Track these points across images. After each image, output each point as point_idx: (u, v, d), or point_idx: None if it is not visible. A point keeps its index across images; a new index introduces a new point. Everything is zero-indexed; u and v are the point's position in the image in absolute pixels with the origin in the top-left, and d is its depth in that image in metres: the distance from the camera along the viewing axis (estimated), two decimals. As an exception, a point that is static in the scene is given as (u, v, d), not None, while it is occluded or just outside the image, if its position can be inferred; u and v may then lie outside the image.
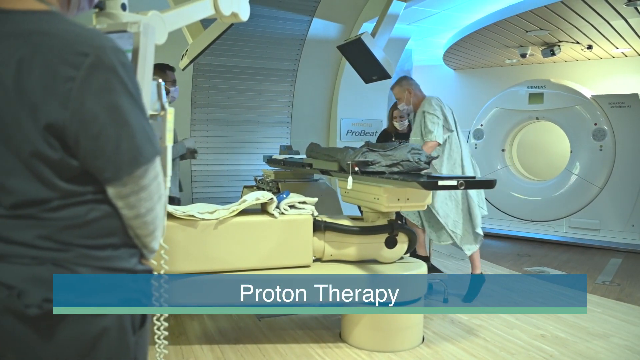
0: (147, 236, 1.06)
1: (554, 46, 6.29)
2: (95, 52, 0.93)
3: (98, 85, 0.92)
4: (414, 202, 2.90)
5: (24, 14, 0.97)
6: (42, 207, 0.95)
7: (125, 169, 0.96)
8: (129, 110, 0.96)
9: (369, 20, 5.35)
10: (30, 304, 0.92)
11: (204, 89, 5.31)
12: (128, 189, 0.98)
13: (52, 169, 0.94)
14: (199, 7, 1.94)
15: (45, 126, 0.91)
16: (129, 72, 0.98)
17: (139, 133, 0.97)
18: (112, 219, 1.01)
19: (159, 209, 1.05)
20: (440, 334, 3.18)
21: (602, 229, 6.05)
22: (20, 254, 0.94)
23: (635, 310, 3.73)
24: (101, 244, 1.00)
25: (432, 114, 3.78)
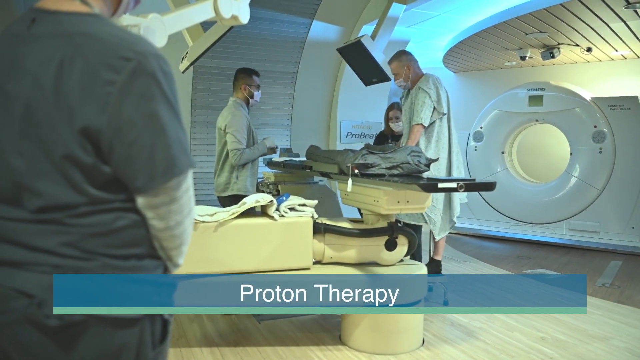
0: (173, 249, 1.03)
1: (553, 49, 6.30)
2: (137, 57, 0.91)
3: (138, 92, 0.91)
4: (414, 205, 2.90)
5: (68, 15, 0.95)
6: (69, 212, 0.92)
7: (158, 179, 0.94)
8: (166, 119, 0.94)
9: (368, 23, 5.36)
10: (51, 315, 0.89)
11: (204, 92, 5.31)
12: (159, 200, 0.96)
13: (83, 173, 0.92)
14: (199, 10, 1.94)
15: (81, 129, 0.90)
16: (169, 80, 0.96)
17: (175, 143, 0.95)
18: (139, 228, 0.98)
19: (188, 223, 1.03)
20: (440, 337, 3.18)
21: (602, 231, 6.04)
22: (43, 261, 0.91)
23: (635, 313, 3.72)
24: (125, 254, 0.97)
25: (426, 92, 3.75)
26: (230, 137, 3.52)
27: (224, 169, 3.65)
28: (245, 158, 3.52)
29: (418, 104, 3.73)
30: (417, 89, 3.78)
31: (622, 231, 5.91)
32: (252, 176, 3.65)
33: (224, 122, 3.59)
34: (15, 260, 0.91)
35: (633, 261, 5.48)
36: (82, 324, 0.92)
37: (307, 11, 5.30)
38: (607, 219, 6.01)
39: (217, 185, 3.71)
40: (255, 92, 3.68)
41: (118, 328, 0.95)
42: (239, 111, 3.58)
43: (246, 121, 3.59)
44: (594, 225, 6.08)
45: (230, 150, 3.53)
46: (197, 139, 5.39)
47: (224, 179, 3.65)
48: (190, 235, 1.06)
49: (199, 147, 5.42)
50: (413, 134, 3.73)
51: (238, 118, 3.54)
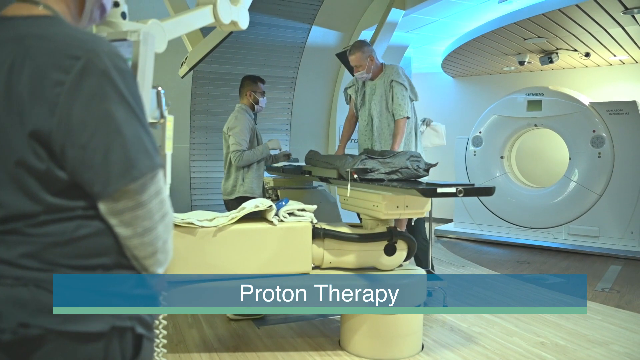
0: (146, 258, 0.96)
1: (552, 54, 6.32)
2: (87, 55, 0.87)
3: (89, 91, 0.86)
4: (413, 209, 2.90)
5: (24, 19, 0.93)
6: (28, 222, 0.87)
7: (115, 183, 0.87)
8: (122, 118, 0.88)
9: (367, 28, 5.38)
10: (4, 329, 0.84)
11: (203, 97, 5.32)
12: (122, 205, 0.89)
13: (38, 180, 0.87)
14: (198, 15, 1.95)
15: (31, 133, 0.85)
16: (125, 78, 0.90)
17: (133, 144, 0.88)
18: (104, 237, 0.92)
19: (162, 230, 0.95)
20: (440, 342, 3.17)
21: (601, 236, 6.04)
22: (4, 273, 0.86)
23: (635, 318, 3.72)
24: (90, 265, 0.91)
25: (402, 84, 3.70)
26: (231, 139, 3.60)
27: (231, 172, 3.71)
28: (245, 159, 3.57)
29: (398, 97, 3.68)
30: (390, 82, 3.71)
31: (622, 236, 5.91)
32: (258, 178, 3.70)
33: (227, 126, 3.66)
34: None
35: (632, 266, 5.47)
36: (40, 339, 0.86)
37: (306, 16, 5.32)
38: (606, 224, 6.02)
39: (225, 190, 3.75)
40: (260, 99, 3.77)
41: (80, 343, 0.88)
42: (242, 115, 3.66)
43: (248, 124, 3.64)
44: (593, 229, 6.08)
45: (231, 153, 3.60)
46: (196, 144, 5.40)
47: (231, 182, 3.69)
48: (167, 242, 0.99)
49: (198, 152, 5.43)
50: (401, 128, 3.68)
51: (240, 121, 3.62)
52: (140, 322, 0.96)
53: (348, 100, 4.02)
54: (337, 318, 3.41)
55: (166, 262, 1.01)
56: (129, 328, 0.94)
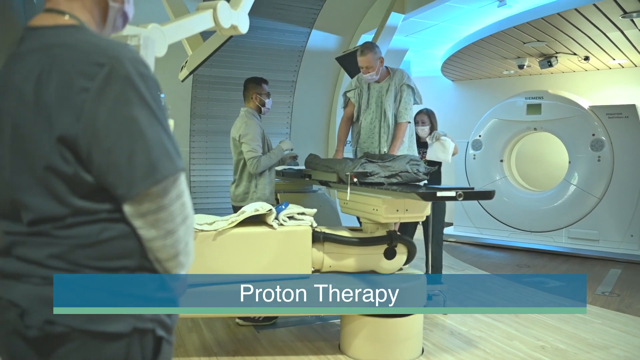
0: (168, 261, 0.98)
1: (551, 57, 6.33)
2: (111, 62, 0.90)
3: (113, 97, 0.89)
4: (413, 213, 2.91)
5: (51, 29, 0.97)
6: (56, 224, 0.92)
7: (139, 186, 0.90)
8: (145, 123, 0.91)
9: (367, 32, 5.39)
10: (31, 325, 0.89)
11: (204, 100, 5.33)
12: (145, 208, 0.92)
13: (66, 184, 0.91)
14: (198, 20, 1.96)
15: (59, 138, 0.89)
16: (147, 83, 0.93)
17: (156, 147, 0.92)
18: (128, 239, 0.95)
19: (183, 232, 0.98)
20: (440, 346, 3.17)
21: (601, 239, 6.04)
22: (33, 273, 0.92)
23: (635, 321, 3.72)
24: (114, 266, 0.94)
25: (412, 88, 3.73)
26: (245, 147, 3.50)
27: (243, 179, 3.62)
28: (263, 165, 3.50)
29: (406, 101, 3.69)
30: (401, 85, 3.72)
31: (621, 239, 5.91)
32: (271, 184, 3.63)
33: (238, 132, 3.57)
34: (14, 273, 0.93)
35: (632, 269, 5.47)
36: (64, 336, 0.90)
37: (306, 20, 5.33)
38: (606, 227, 6.02)
39: (236, 195, 3.66)
40: (266, 100, 3.70)
41: (103, 342, 0.92)
42: (252, 120, 3.58)
43: (259, 129, 3.58)
44: (593, 233, 6.08)
45: (247, 160, 3.50)
46: (196, 147, 5.40)
47: (243, 189, 3.60)
48: (189, 245, 1.01)
49: (198, 156, 5.43)
50: (402, 132, 3.69)
51: (251, 127, 3.54)
52: (160, 324, 0.99)
53: (346, 103, 3.95)
54: (337, 322, 3.41)
55: (188, 264, 1.03)
56: (150, 330, 0.96)
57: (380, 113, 3.76)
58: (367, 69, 3.65)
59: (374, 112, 3.78)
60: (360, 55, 3.67)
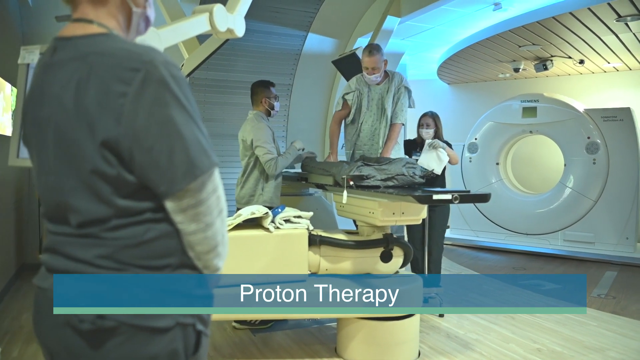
0: (208, 252, 1.04)
1: (546, 61, 6.36)
2: (145, 67, 0.95)
3: (149, 99, 0.94)
4: (409, 216, 2.91)
5: (83, 38, 1.01)
6: (103, 226, 0.97)
7: (180, 182, 0.96)
8: (181, 122, 0.96)
9: (363, 35, 5.40)
10: (84, 319, 0.96)
11: (200, 103, 5.33)
12: (185, 203, 0.98)
13: (110, 185, 0.96)
14: (195, 23, 1.96)
15: (102, 142, 0.94)
16: (181, 84, 0.99)
17: (193, 145, 0.97)
18: (170, 239, 1.01)
19: (219, 224, 1.04)
20: (437, 349, 3.17)
21: (596, 242, 6.06)
22: (82, 271, 0.98)
23: (631, 324, 3.73)
24: (158, 265, 1.00)
25: (409, 91, 3.77)
26: (260, 150, 3.49)
27: (249, 181, 3.62)
28: (280, 166, 3.51)
29: (402, 103, 3.72)
30: (399, 87, 3.74)
31: (617, 242, 5.93)
32: (277, 187, 3.62)
33: (249, 137, 3.54)
34: (63, 270, 1.00)
35: (628, 272, 5.49)
36: (113, 329, 0.96)
37: (302, 24, 5.34)
38: (602, 230, 6.04)
39: (240, 197, 3.66)
40: (275, 103, 3.70)
41: (149, 336, 0.98)
42: (262, 123, 3.56)
43: (270, 131, 3.57)
44: (589, 235, 6.10)
45: (264, 163, 3.49)
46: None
47: (248, 191, 3.60)
48: (225, 236, 1.08)
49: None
50: (396, 133, 3.72)
51: (262, 130, 3.53)
52: (199, 319, 1.05)
53: (341, 106, 3.90)
54: (334, 325, 3.40)
55: (225, 254, 1.10)
56: (190, 324, 1.03)
57: (380, 115, 3.77)
58: (372, 70, 3.64)
59: (375, 114, 3.79)
60: (369, 56, 3.63)
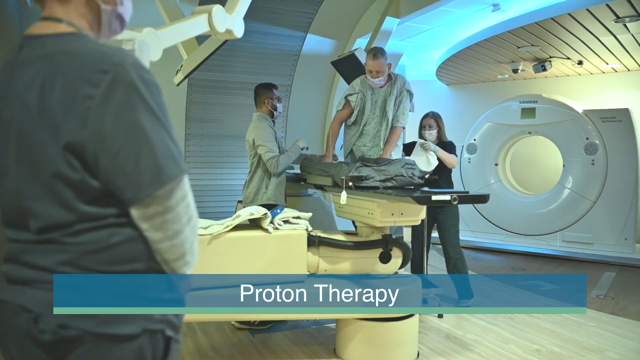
0: (175, 261, 1.01)
1: (545, 62, 6.37)
2: (114, 68, 0.92)
3: (117, 103, 0.91)
4: (408, 217, 2.91)
5: (52, 37, 0.98)
6: (64, 231, 0.94)
7: (146, 189, 0.93)
8: (150, 127, 0.93)
9: (362, 36, 5.40)
10: (45, 330, 0.91)
11: (199, 104, 5.32)
12: (152, 210, 0.95)
13: (73, 190, 0.93)
14: (193, 24, 1.96)
15: (65, 145, 0.91)
16: (151, 88, 0.96)
17: (161, 151, 0.94)
18: (136, 243, 0.98)
19: (189, 232, 1.01)
20: (435, 349, 3.17)
21: (595, 242, 6.07)
22: (44, 279, 0.94)
23: (629, 324, 3.73)
24: (123, 270, 0.97)
25: (411, 95, 3.81)
26: (262, 149, 3.54)
27: (254, 179, 3.66)
28: (282, 164, 3.55)
29: (404, 106, 3.74)
30: (401, 90, 3.75)
31: (616, 242, 5.94)
32: (280, 185, 3.64)
33: (251, 136, 3.62)
34: (24, 279, 0.96)
35: (626, 272, 5.49)
36: (77, 339, 0.92)
37: (301, 25, 5.34)
38: (601, 231, 6.04)
39: (246, 196, 3.71)
40: (278, 105, 3.76)
41: (115, 344, 0.94)
42: (264, 123, 3.63)
43: (271, 131, 3.63)
44: (588, 236, 6.10)
45: (266, 161, 3.53)
46: (191, 152, 5.39)
47: (253, 190, 3.65)
48: (194, 244, 1.04)
49: (194, 160, 5.42)
50: (397, 136, 3.76)
51: (264, 129, 3.59)
52: (169, 325, 1.01)
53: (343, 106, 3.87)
54: (332, 326, 3.40)
55: (194, 263, 1.07)
56: (159, 330, 0.99)
57: (382, 117, 3.79)
58: (377, 73, 3.64)
59: (378, 116, 3.81)
60: (373, 59, 3.63)
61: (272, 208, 3.01)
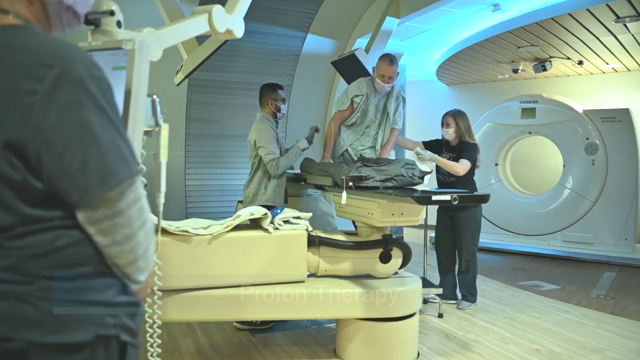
0: (127, 266, 0.95)
1: (545, 62, 6.37)
2: (61, 63, 0.86)
3: (63, 100, 0.85)
4: (408, 217, 2.91)
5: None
6: (5, 234, 0.86)
7: (93, 191, 0.86)
8: (98, 126, 0.87)
9: (362, 36, 5.40)
10: None
11: (199, 104, 5.32)
12: (100, 214, 0.89)
13: (14, 191, 0.86)
14: (194, 24, 1.95)
15: (5, 144, 0.84)
16: (101, 86, 0.89)
17: (110, 151, 0.88)
18: (84, 246, 0.91)
19: (142, 237, 0.94)
20: (436, 349, 3.17)
21: (595, 242, 6.07)
22: None
23: (630, 324, 3.73)
24: (70, 275, 0.89)
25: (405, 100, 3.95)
26: (263, 151, 3.53)
27: (253, 180, 3.66)
28: (283, 166, 3.55)
29: (401, 109, 3.90)
30: (399, 97, 3.89)
31: (616, 242, 5.94)
32: (279, 187, 3.63)
33: (253, 137, 3.61)
34: None
35: (626, 272, 5.49)
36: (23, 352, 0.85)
37: (301, 25, 5.34)
38: (601, 231, 6.04)
39: (245, 197, 3.70)
40: (282, 106, 3.74)
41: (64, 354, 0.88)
42: (265, 124, 3.60)
43: (273, 132, 3.61)
44: (588, 236, 6.10)
45: (266, 163, 3.53)
46: (191, 151, 5.39)
47: (252, 190, 3.64)
48: (148, 250, 0.97)
49: (194, 160, 5.42)
50: (394, 138, 3.90)
51: (265, 131, 3.57)
52: (124, 329, 0.95)
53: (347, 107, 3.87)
54: (333, 326, 3.40)
55: (148, 269, 1.00)
56: (113, 336, 0.93)
57: (382, 120, 3.88)
58: (389, 79, 3.72)
59: (379, 119, 3.89)
60: (390, 65, 3.72)
61: (271, 208, 3.01)
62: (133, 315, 0.99)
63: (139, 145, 1.18)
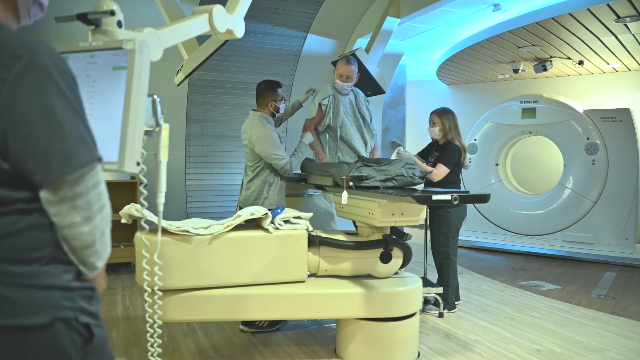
0: (83, 249, 0.99)
1: (545, 62, 6.37)
2: (28, 54, 0.91)
3: (30, 87, 0.90)
4: (409, 217, 2.91)
5: None
6: None
7: (55, 172, 0.91)
8: (62, 112, 0.92)
9: (363, 36, 5.41)
10: None
11: (199, 104, 5.33)
12: (61, 195, 0.93)
13: None
14: (194, 24, 1.95)
15: None
16: (65, 76, 0.94)
17: (73, 136, 0.93)
18: (41, 231, 0.95)
19: (99, 221, 0.98)
20: (436, 349, 3.17)
21: (596, 242, 6.07)
22: None
23: (630, 325, 3.73)
24: (25, 259, 0.93)
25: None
26: (274, 159, 3.46)
27: (254, 182, 3.57)
28: (295, 165, 3.58)
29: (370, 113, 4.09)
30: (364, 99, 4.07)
31: (616, 242, 5.94)
32: (282, 189, 3.62)
33: (253, 139, 3.49)
34: None
35: (627, 272, 5.49)
36: None
37: (301, 24, 5.34)
38: (601, 231, 6.04)
39: (245, 199, 3.62)
40: (280, 106, 3.63)
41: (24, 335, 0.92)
42: (267, 129, 3.48)
43: (276, 134, 3.53)
44: (588, 236, 6.10)
45: (280, 169, 3.48)
46: (191, 151, 5.40)
47: (254, 194, 3.57)
48: (105, 234, 1.01)
49: (194, 159, 5.43)
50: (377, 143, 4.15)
51: (269, 137, 3.46)
52: (82, 311, 0.99)
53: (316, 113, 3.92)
54: (333, 326, 3.40)
55: (105, 254, 1.04)
56: (72, 318, 0.97)
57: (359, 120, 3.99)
58: (347, 79, 3.86)
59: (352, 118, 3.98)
60: (347, 64, 3.84)
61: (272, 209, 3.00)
62: (90, 298, 1.02)
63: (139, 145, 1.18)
